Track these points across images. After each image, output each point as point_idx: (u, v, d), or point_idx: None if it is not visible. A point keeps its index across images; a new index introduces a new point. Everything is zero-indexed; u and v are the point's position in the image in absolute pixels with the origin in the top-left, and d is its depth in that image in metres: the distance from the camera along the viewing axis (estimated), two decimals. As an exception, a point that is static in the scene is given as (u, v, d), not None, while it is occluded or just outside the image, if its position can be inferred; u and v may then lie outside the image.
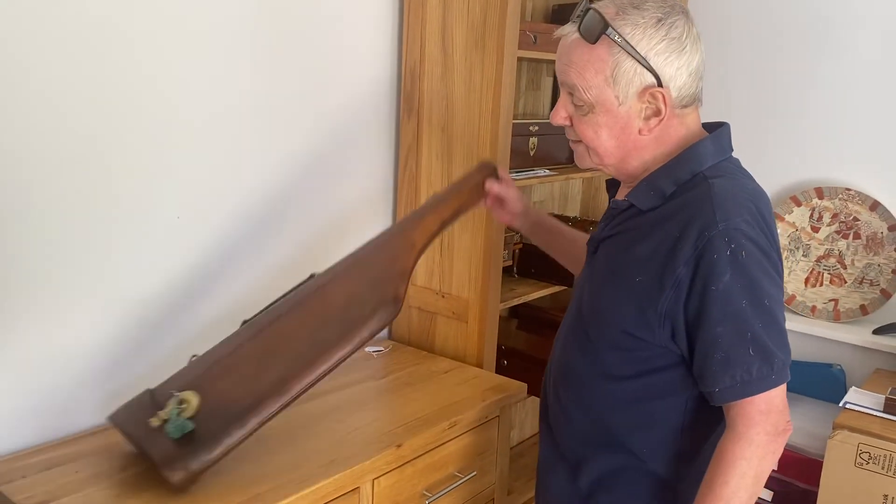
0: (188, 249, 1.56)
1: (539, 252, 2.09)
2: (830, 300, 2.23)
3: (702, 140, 1.16)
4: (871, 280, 2.18)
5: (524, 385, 1.71)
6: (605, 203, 1.31)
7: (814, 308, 2.25)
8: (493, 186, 1.48)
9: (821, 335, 2.19)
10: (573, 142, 1.23)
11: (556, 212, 2.48)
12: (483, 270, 1.81)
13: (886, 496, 1.73)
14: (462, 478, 1.56)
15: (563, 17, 1.18)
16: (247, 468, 1.28)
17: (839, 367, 2.23)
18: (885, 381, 2.00)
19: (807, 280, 2.27)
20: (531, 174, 1.98)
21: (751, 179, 1.18)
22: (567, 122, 1.20)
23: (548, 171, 2.03)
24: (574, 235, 1.56)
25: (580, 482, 1.26)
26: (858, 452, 1.75)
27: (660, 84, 1.10)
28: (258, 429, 1.25)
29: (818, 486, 1.81)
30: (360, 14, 1.82)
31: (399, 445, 1.40)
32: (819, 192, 2.24)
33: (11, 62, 1.25)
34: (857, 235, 2.20)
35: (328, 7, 1.74)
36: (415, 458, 1.45)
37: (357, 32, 1.82)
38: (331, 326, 1.30)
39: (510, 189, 1.50)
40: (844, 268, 2.22)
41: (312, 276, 1.43)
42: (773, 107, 2.32)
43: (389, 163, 1.98)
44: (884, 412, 1.81)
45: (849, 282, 2.21)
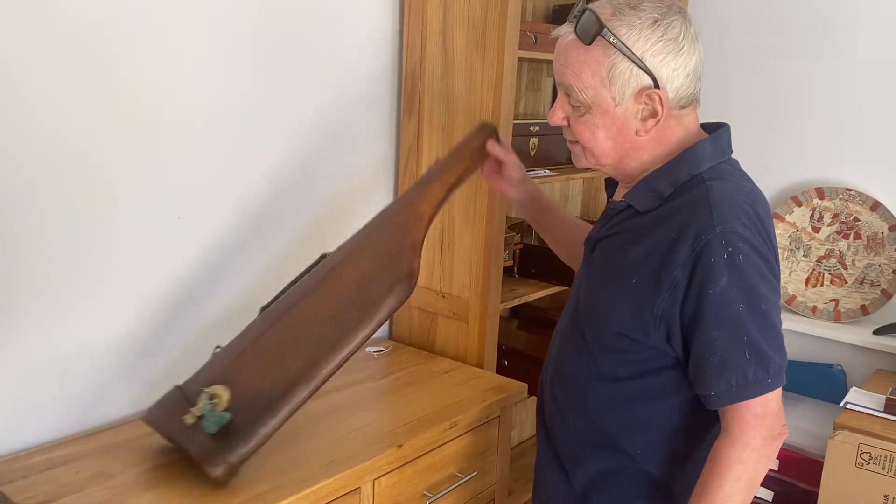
0: (191, 248, 1.56)
1: (540, 252, 2.10)
2: (831, 300, 2.23)
3: (700, 141, 1.15)
4: (872, 280, 2.18)
5: (525, 385, 1.71)
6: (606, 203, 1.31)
7: (814, 308, 2.25)
8: (494, 148, 1.45)
9: (821, 335, 2.19)
10: (570, 142, 1.22)
11: (557, 212, 2.48)
12: (483, 271, 1.81)
13: (887, 496, 1.73)
14: (463, 478, 1.56)
15: (564, 18, 1.18)
16: (247, 468, 1.27)
17: (840, 368, 2.23)
18: (886, 382, 2.00)
19: (807, 280, 2.27)
20: (532, 174, 1.98)
21: (749, 182, 1.18)
22: (564, 123, 1.20)
23: (548, 172, 2.03)
24: (569, 218, 1.54)
25: (575, 482, 1.26)
26: (859, 453, 1.75)
27: (656, 85, 1.10)
28: (291, 416, 1.25)
29: (818, 487, 1.81)
30: (361, 14, 1.82)
31: (400, 446, 1.40)
32: (820, 193, 2.24)
33: (12, 62, 1.25)
34: (858, 236, 2.20)
35: (328, 7, 1.74)
36: (415, 459, 1.45)
37: (357, 32, 1.82)
38: (349, 307, 1.30)
39: (510, 154, 1.48)
40: (845, 268, 2.22)
41: (324, 256, 1.42)
42: (774, 107, 2.32)
43: (390, 163, 1.98)
44: (884, 412, 1.81)
45: (849, 282, 2.21)
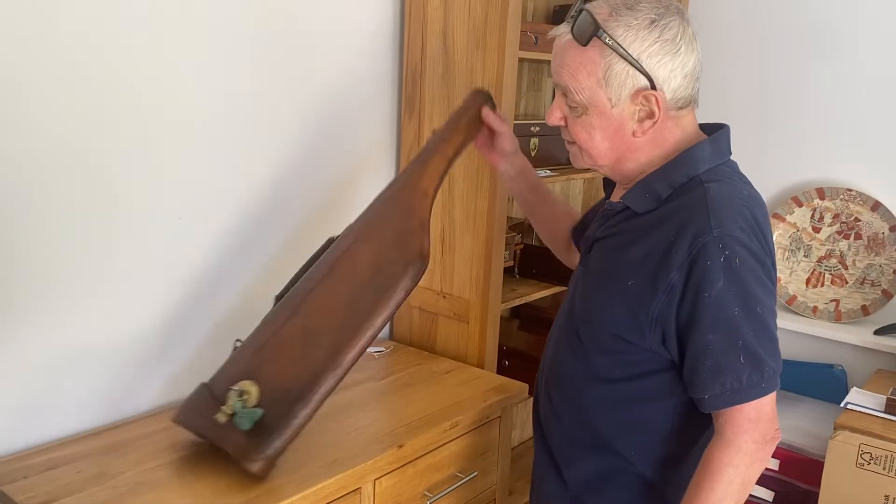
0: (193, 249, 1.56)
1: (540, 252, 2.10)
2: (832, 300, 2.23)
3: (699, 143, 1.15)
4: (873, 281, 2.18)
5: (525, 385, 1.71)
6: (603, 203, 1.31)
7: (815, 308, 2.25)
8: (489, 116, 1.44)
9: (822, 336, 2.19)
10: (568, 142, 1.22)
11: (558, 212, 2.48)
12: (484, 271, 1.82)
13: (887, 497, 1.73)
14: (463, 478, 1.56)
15: (564, 18, 1.18)
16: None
17: (840, 368, 2.23)
18: (887, 382, 2.00)
19: (808, 280, 2.27)
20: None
21: (747, 185, 1.17)
22: (562, 123, 1.19)
23: (549, 172, 2.03)
24: (555, 199, 1.53)
25: (569, 482, 1.26)
26: (860, 453, 1.75)
27: (653, 86, 1.09)
28: (321, 405, 1.26)
29: (819, 487, 1.81)
30: (361, 14, 1.82)
31: (400, 446, 1.40)
32: (820, 193, 2.24)
33: (12, 62, 1.25)
34: (859, 236, 2.20)
35: (329, 7, 1.74)
36: (416, 459, 1.45)
37: (358, 33, 1.82)
38: (365, 292, 1.30)
39: (504, 124, 1.47)
40: (846, 268, 2.22)
41: (332, 240, 1.42)
42: (775, 107, 2.32)
43: (391, 163, 1.98)
44: (885, 413, 1.81)
45: (850, 282, 2.21)
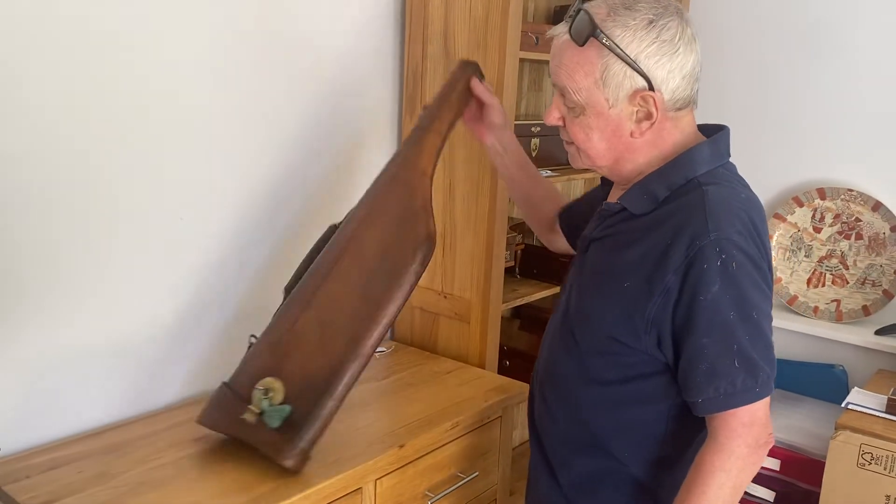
0: (194, 249, 1.56)
1: (541, 252, 2.10)
2: (833, 301, 2.23)
3: (698, 145, 1.14)
4: (874, 281, 2.18)
5: (526, 385, 1.70)
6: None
7: (816, 309, 2.25)
8: (478, 87, 1.43)
9: (823, 336, 2.19)
10: (566, 143, 1.21)
11: (558, 212, 2.48)
12: (485, 271, 1.82)
13: (888, 497, 1.73)
14: (464, 478, 1.56)
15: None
16: (248, 468, 1.28)
17: (841, 368, 2.23)
18: (888, 382, 2.00)
19: (809, 280, 2.27)
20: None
21: (746, 187, 1.16)
22: (560, 123, 1.19)
23: (550, 172, 2.03)
24: (540, 178, 1.52)
25: (562, 483, 1.25)
26: (861, 453, 1.75)
27: (651, 87, 1.09)
28: (347, 395, 1.27)
29: (820, 487, 1.81)
30: (362, 15, 1.82)
31: (401, 446, 1.40)
32: (821, 193, 2.24)
33: (12, 62, 1.25)
34: (860, 236, 2.20)
35: (329, 7, 1.74)
36: (417, 459, 1.45)
37: (359, 33, 1.82)
38: (375, 279, 1.30)
39: (494, 97, 1.46)
40: (847, 268, 2.22)
41: (334, 228, 1.42)
42: (775, 107, 2.32)
43: (391, 163, 1.98)
44: (886, 413, 1.81)
45: (851, 282, 2.21)
